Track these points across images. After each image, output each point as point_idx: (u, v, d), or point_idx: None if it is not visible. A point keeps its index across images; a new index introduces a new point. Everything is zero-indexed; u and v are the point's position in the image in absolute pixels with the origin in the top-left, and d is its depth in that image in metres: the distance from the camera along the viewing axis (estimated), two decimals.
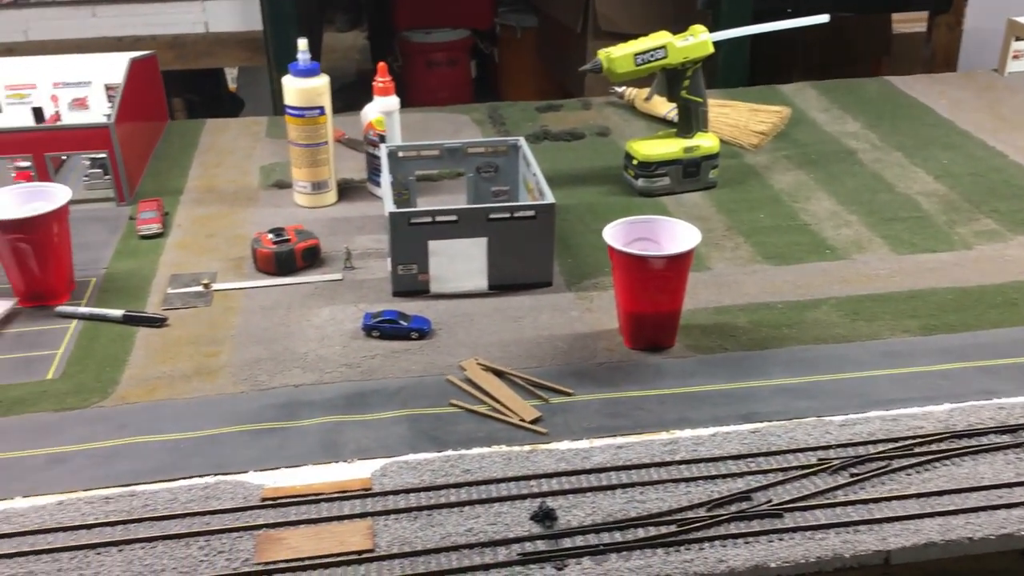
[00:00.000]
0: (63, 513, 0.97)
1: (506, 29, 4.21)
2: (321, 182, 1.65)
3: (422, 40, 4.08)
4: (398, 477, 1.01)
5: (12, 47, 2.90)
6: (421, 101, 1.52)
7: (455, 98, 3.84)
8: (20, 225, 1.31)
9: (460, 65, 4.21)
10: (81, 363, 1.24)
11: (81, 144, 1.63)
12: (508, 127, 2.01)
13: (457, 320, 1.33)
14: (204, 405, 1.16)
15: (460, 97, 4.10)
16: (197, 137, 1.96)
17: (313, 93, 1.59)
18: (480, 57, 4.35)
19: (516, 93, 4.10)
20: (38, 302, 1.36)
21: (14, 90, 1.92)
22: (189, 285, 1.41)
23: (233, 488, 1.00)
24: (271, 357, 1.25)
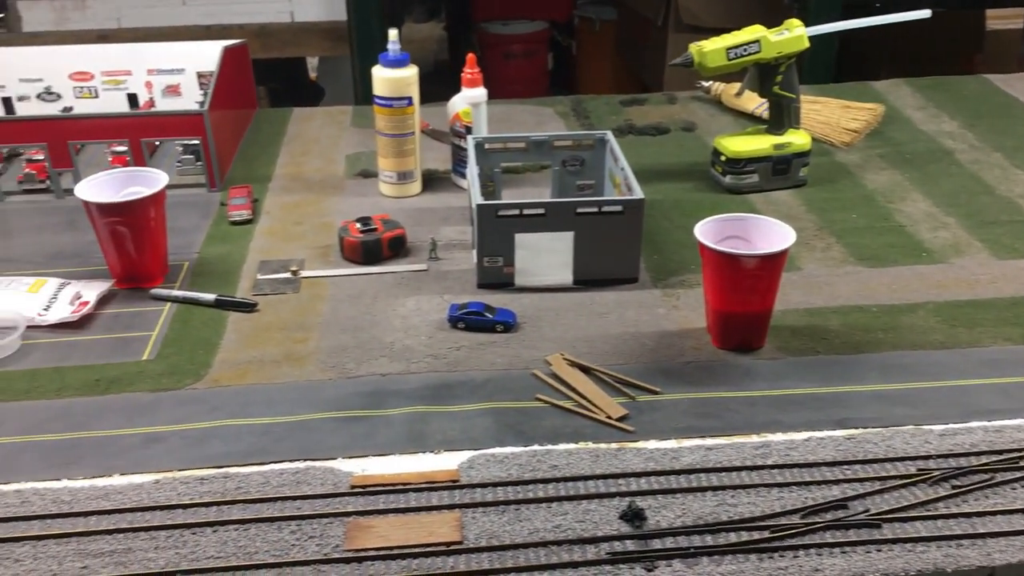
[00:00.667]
0: (160, 492, 0.99)
1: (584, 21, 4.18)
2: (407, 172, 1.66)
3: (500, 31, 4.08)
4: (485, 470, 1.01)
5: (106, 34, 2.99)
6: (497, 93, 1.53)
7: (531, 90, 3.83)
8: (119, 209, 1.34)
9: (537, 57, 4.19)
10: (175, 345, 1.26)
11: (175, 130, 1.66)
12: (592, 120, 1.99)
13: (542, 314, 1.32)
14: (293, 391, 1.17)
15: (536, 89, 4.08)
16: (284, 125, 1.99)
17: (402, 83, 1.59)
18: (557, 49, 4.33)
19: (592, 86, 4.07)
20: (134, 284, 1.39)
21: (110, 76, 1.97)
22: (278, 272, 1.43)
23: (323, 474, 1.01)
24: (358, 345, 1.26)
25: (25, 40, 2.95)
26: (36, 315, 1.30)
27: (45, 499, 0.98)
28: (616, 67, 4.11)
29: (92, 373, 1.21)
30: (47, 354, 1.25)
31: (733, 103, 2.00)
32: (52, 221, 1.60)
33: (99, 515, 0.96)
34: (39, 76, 1.95)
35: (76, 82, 1.96)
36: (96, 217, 1.34)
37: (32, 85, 1.96)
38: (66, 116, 1.72)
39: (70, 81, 1.96)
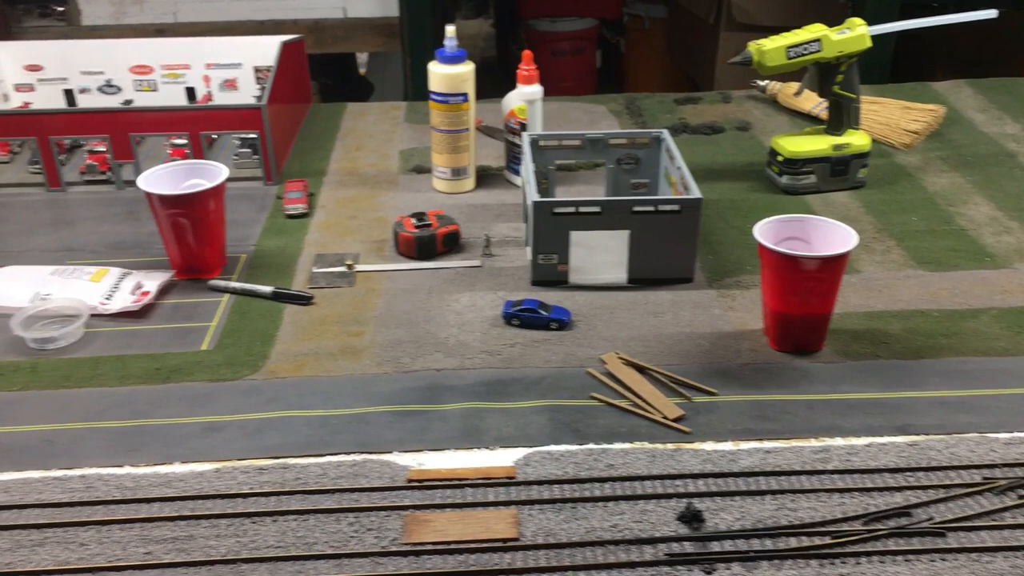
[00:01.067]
0: (220, 481, 1.01)
1: (634, 19, 4.17)
2: (461, 168, 1.66)
3: (548, 29, 4.07)
4: (541, 467, 1.01)
5: (162, 28, 3.04)
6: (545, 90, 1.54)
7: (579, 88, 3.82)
8: (181, 201, 1.36)
9: (585, 54, 4.18)
10: (233, 336, 1.28)
11: (234, 124, 1.68)
12: (645, 119, 1.98)
13: (596, 312, 1.32)
14: (349, 384, 1.18)
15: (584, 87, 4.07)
16: (339, 120, 2.01)
17: (458, 79, 1.59)
18: (605, 47, 4.32)
19: (641, 84, 4.05)
20: (193, 275, 1.41)
21: (169, 70, 2.00)
22: (333, 265, 1.45)
23: (380, 467, 1.02)
24: (413, 340, 1.27)
25: (84, 34, 3.01)
26: (99, 304, 1.33)
27: (109, 484, 1.00)
28: (665, 65, 4.09)
29: (153, 362, 1.23)
30: (109, 342, 1.27)
31: (790, 102, 1.98)
32: (113, 212, 1.62)
33: (161, 502, 0.97)
34: (100, 69, 1.99)
35: (136, 75, 2.00)
36: (158, 208, 1.36)
37: (94, 78, 2.00)
38: (128, 109, 1.75)
39: (130, 74, 2.00)
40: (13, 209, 1.64)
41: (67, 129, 1.67)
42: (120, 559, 0.91)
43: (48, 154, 1.66)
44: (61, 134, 1.67)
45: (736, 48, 3.31)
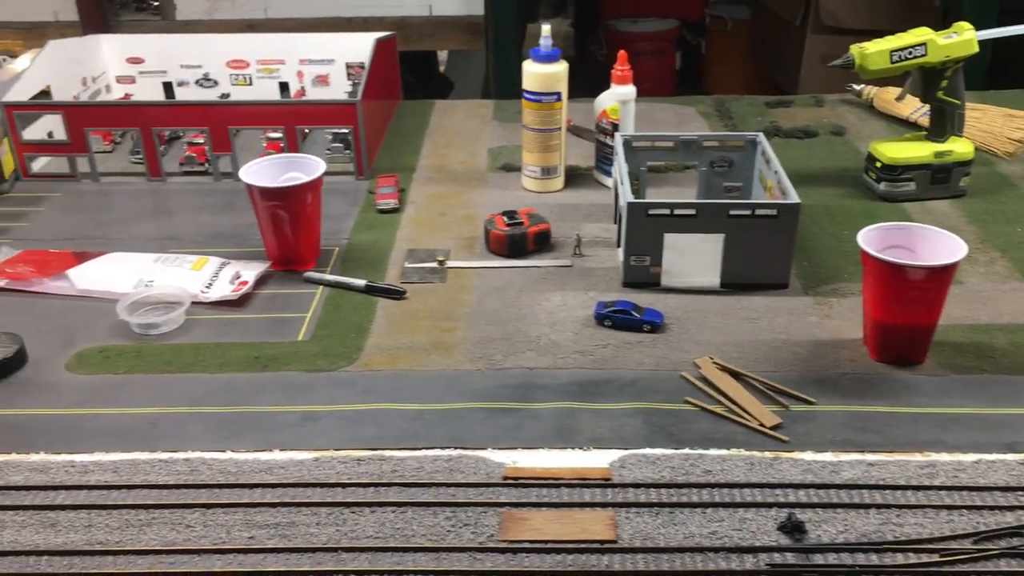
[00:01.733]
0: (319, 469, 1.02)
1: (716, 20, 4.12)
2: (551, 167, 1.66)
3: (628, 29, 4.05)
4: (637, 470, 1.00)
5: (253, 23, 3.10)
6: None
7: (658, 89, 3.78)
8: (280, 193, 1.38)
9: (666, 55, 4.15)
10: (328, 328, 1.30)
11: (329, 119, 1.71)
12: (735, 122, 1.95)
13: (689, 316, 1.31)
14: (442, 379, 1.19)
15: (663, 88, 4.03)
16: (427, 117, 2.02)
17: (552, 79, 1.59)
18: (686, 48, 4.27)
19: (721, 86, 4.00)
20: (288, 267, 1.44)
21: (264, 64, 2.05)
22: (425, 261, 1.46)
23: (475, 464, 1.02)
24: (504, 338, 1.27)
25: (179, 28, 3.09)
26: (199, 292, 1.36)
27: (213, 469, 1.02)
28: (747, 67, 4.03)
29: (251, 351, 1.25)
30: (209, 330, 1.30)
31: (887, 107, 1.93)
32: (211, 202, 1.66)
33: (263, 488, 0.99)
34: (198, 63, 2.04)
35: (232, 70, 2.05)
36: (258, 200, 1.39)
37: (192, 71, 2.05)
38: (226, 102, 1.79)
39: (227, 68, 2.04)
40: (116, 197, 1.69)
41: (168, 121, 1.72)
42: (224, 542, 0.93)
43: (150, 145, 1.71)
44: (162, 125, 1.72)
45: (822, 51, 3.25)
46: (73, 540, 0.93)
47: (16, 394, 1.17)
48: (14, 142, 1.69)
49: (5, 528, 0.95)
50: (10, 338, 1.23)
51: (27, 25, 3.08)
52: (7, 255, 1.45)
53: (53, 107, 1.73)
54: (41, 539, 0.93)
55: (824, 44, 3.39)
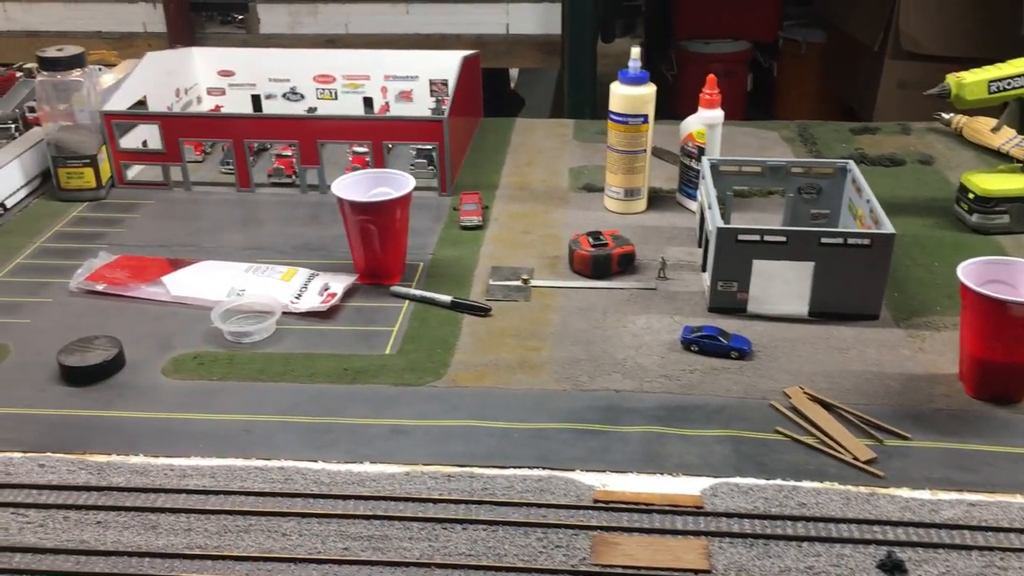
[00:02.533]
0: (410, 484, 1.03)
1: (789, 43, 4.08)
2: (634, 189, 1.66)
3: (700, 50, 4.03)
4: (730, 500, 1.00)
5: (333, 39, 3.17)
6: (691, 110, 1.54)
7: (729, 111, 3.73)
8: (370, 208, 1.41)
9: (737, 77, 4.12)
10: (415, 342, 1.31)
11: (415, 135, 1.73)
12: (819, 148, 1.93)
13: (777, 344, 1.29)
14: (529, 398, 1.19)
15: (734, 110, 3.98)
16: (508, 135, 2.04)
17: (640, 101, 1.60)
18: (757, 70, 4.24)
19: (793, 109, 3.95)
20: (375, 280, 1.46)
21: (350, 80, 2.08)
22: (509, 279, 1.47)
23: (565, 485, 1.02)
24: (590, 359, 1.27)
25: (262, 41, 3.17)
26: (289, 302, 1.38)
27: (307, 478, 1.04)
28: (819, 91, 3.98)
29: (340, 362, 1.27)
30: (299, 340, 1.33)
31: (976, 137, 1.89)
32: (298, 214, 1.70)
33: (356, 499, 1.01)
34: (286, 77, 2.08)
35: (319, 84, 2.09)
36: (348, 214, 1.42)
37: (279, 85, 2.10)
38: (316, 117, 1.82)
39: (313, 83, 2.09)
40: (206, 206, 1.73)
41: (259, 133, 1.76)
42: (320, 552, 0.94)
43: (241, 156, 1.75)
44: (253, 138, 1.76)
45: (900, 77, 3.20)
46: (173, 543, 0.95)
47: (115, 396, 1.21)
48: (111, 150, 1.75)
49: (108, 528, 0.97)
50: (110, 341, 1.27)
51: (117, 35, 3.19)
52: (105, 260, 1.49)
53: (150, 117, 1.79)
54: (143, 540, 0.96)
55: (903, 70, 3.34)
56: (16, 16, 3.15)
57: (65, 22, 3.15)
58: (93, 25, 3.16)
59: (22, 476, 1.05)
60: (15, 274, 1.49)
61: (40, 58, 1.64)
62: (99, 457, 1.08)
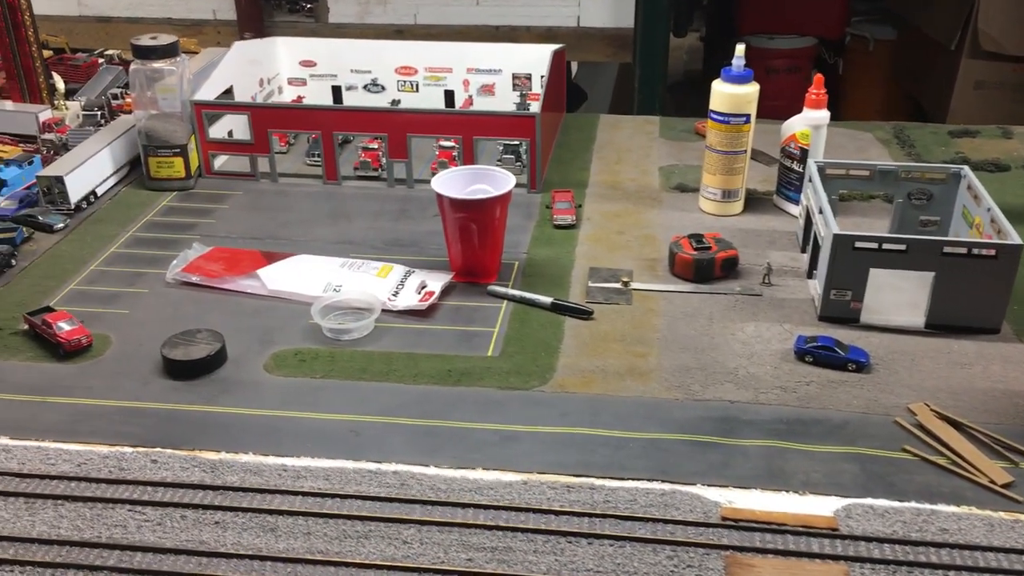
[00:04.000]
0: (529, 493, 1.00)
1: (857, 40, 3.99)
2: (733, 191, 1.62)
3: (764, 46, 3.95)
4: (866, 522, 0.95)
5: (402, 29, 3.14)
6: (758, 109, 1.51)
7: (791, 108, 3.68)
8: (471, 205, 1.38)
9: (800, 73, 4.03)
10: (517, 344, 1.28)
11: (506, 130, 1.70)
12: (918, 150, 1.87)
13: (895, 357, 1.24)
14: (640, 407, 1.16)
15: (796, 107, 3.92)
16: (593, 131, 2.00)
17: (743, 100, 1.55)
18: (822, 67, 4.15)
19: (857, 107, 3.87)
20: (471, 279, 1.43)
21: (432, 72, 2.05)
22: (608, 281, 1.43)
23: (690, 501, 0.99)
24: (700, 367, 1.23)
25: (330, 30, 3.15)
26: (387, 299, 1.36)
27: (423, 484, 1.01)
28: (887, 90, 3.89)
29: (443, 363, 1.24)
30: (399, 339, 1.30)
31: None
32: (387, 208, 1.67)
33: (475, 508, 0.98)
34: (368, 68, 2.06)
35: (400, 76, 2.06)
36: (447, 211, 1.39)
37: (361, 76, 2.07)
38: (406, 110, 1.79)
39: (395, 75, 2.06)
40: (294, 199, 1.72)
41: (348, 126, 1.74)
42: (443, 562, 0.92)
43: (330, 149, 1.73)
44: (342, 130, 1.74)
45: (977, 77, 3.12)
46: (294, 547, 0.93)
47: (219, 392, 1.19)
48: (200, 140, 1.74)
49: (227, 529, 0.96)
50: (213, 336, 1.25)
51: (187, 22, 3.19)
52: (199, 251, 1.48)
53: (240, 107, 1.77)
54: (263, 543, 0.94)
55: (980, 70, 3.25)
56: (89, 2, 3.16)
57: (136, 8, 3.16)
58: (164, 12, 3.17)
59: (136, 472, 1.03)
60: (111, 263, 1.49)
61: (134, 46, 1.63)
62: (210, 454, 1.07)
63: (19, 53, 1.90)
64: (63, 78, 1.96)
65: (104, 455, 1.06)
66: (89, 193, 1.64)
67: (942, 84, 3.42)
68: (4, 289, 1.40)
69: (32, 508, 0.98)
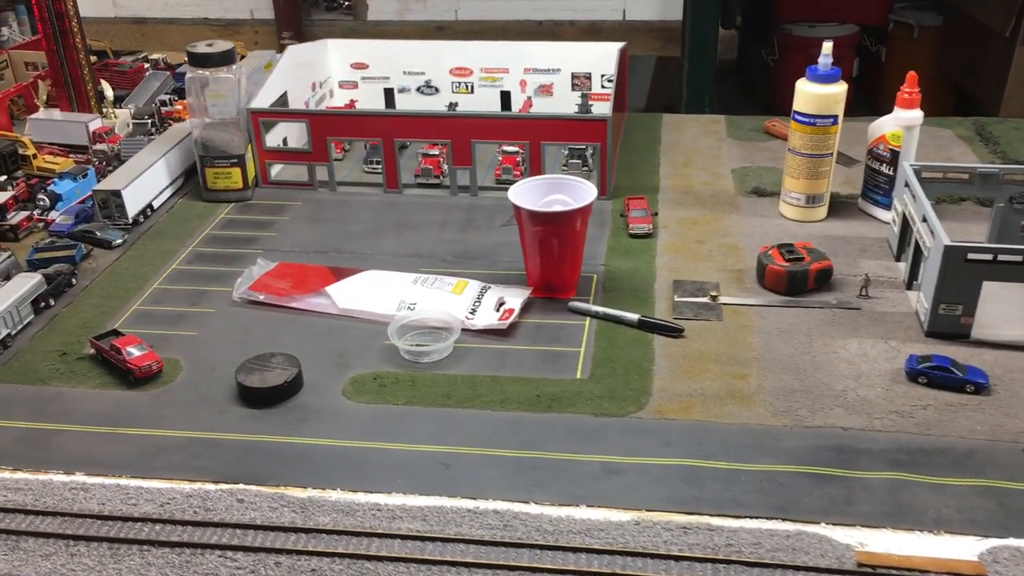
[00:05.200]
0: (643, 536, 0.94)
1: (901, 27, 3.88)
2: (817, 196, 1.54)
3: (804, 34, 3.85)
4: (1015, 567, 0.88)
5: (442, 25, 3.07)
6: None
7: None
8: (551, 218, 1.31)
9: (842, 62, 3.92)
10: (607, 366, 1.22)
11: (575, 135, 1.63)
12: (1003, 148, 1.78)
13: (1016, 377, 1.17)
14: (747, 434, 1.09)
15: None
16: (656, 131, 1.93)
17: (830, 100, 1.47)
18: (863, 54, 4.05)
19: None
20: (549, 294, 1.36)
21: (488, 73, 1.98)
22: (694, 295, 1.36)
23: (819, 544, 0.92)
24: (805, 390, 1.16)
25: (369, 28, 3.09)
26: (464, 318, 1.30)
27: (527, 525, 0.95)
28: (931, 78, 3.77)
29: (530, 387, 1.18)
30: (481, 360, 1.24)
31: None
32: (452, 218, 1.61)
33: (588, 553, 0.91)
34: (422, 70, 1.99)
35: (455, 77, 1.99)
36: (526, 224, 1.32)
37: (414, 78, 2.01)
38: (469, 115, 1.72)
39: (449, 76, 1.99)
40: (355, 208, 1.65)
41: (410, 132, 1.67)
42: None
43: (391, 156, 1.66)
44: (404, 137, 1.67)
45: None
46: None
47: (298, 420, 1.13)
48: (257, 149, 1.68)
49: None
50: (288, 360, 1.19)
51: (223, 22, 3.14)
52: (264, 268, 1.42)
53: (299, 115, 1.71)
54: None
55: None
56: (124, 2, 3.11)
57: (172, 9, 3.10)
58: (200, 12, 3.11)
59: (222, 512, 0.97)
60: (173, 280, 1.43)
61: (190, 54, 1.57)
62: (298, 491, 1.01)
63: (67, 61, 1.85)
64: (110, 84, 1.91)
65: (187, 493, 1.00)
66: (146, 206, 1.59)
67: (994, 73, 3.32)
68: (67, 310, 1.35)
69: (117, 554, 0.92)
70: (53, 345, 1.27)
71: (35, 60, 2.05)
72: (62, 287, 1.37)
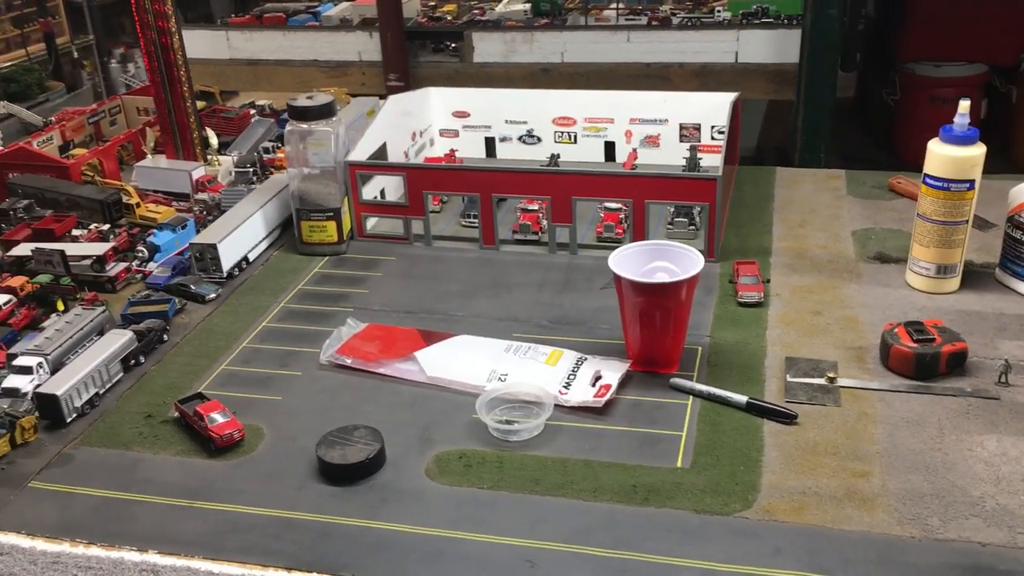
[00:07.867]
0: None
1: None
2: (950, 266, 1.41)
3: (928, 73, 3.66)
4: None
5: (548, 68, 3.03)
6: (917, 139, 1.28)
7: None
8: (654, 289, 1.23)
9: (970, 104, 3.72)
10: (711, 455, 1.12)
11: (683, 194, 1.54)
12: None
13: None
14: (869, 545, 0.97)
15: None
16: (769, 187, 1.82)
17: (967, 164, 1.35)
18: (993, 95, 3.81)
19: None
20: (649, 368, 1.28)
21: (591, 123, 1.92)
22: (809, 375, 1.25)
23: None
24: (936, 494, 1.03)
25: (475, 70, 3.07)
26: (558, 392, 1.22)
27: None
28: None
29: (626, 476, 1.09)
30: (573, 441, 1.16)
31: None
32: (550, 278, 1.54)
33: None
34: (524, 119, 1.94)
35: (558, 127, 1.94)
36: (627, 294, 1.24)
37: (516, 127, 1.96)
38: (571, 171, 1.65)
39: (552, 125, 1.94)
40: (450, 264, 1.60)
41: (508, 188, 1.62)
42: None
43: (488, 211, 1.61)
44: (502, 192, 1.62)
45: None
46: None
47: (379, 501, 1.07)
48: (353, 202, 1.65)
49: None
50: (371, 434, 1.14)
51: (333, 64, 3.17)
52: (353, 329, 1.38)
53: (396, 168, 1.68)
54: None
55: None
56: (238, 44, 3.18)
57: (284, 51, 3.16)
58: (310, 54, 3.16)
59: None
60: (263, 339, 1.40)
61: (290, 107, 1.55)
62: None
63: (174, 108, 1.87)
64: (215, 131, 1.92)
65: None
66: (241, 259, 1.57)
67: None
68: (156, 369, 1.34)
69: None
70: (139, 406, 1.25)
71: (147, 106, 2.09)
72: (153, 344, 1.36)
